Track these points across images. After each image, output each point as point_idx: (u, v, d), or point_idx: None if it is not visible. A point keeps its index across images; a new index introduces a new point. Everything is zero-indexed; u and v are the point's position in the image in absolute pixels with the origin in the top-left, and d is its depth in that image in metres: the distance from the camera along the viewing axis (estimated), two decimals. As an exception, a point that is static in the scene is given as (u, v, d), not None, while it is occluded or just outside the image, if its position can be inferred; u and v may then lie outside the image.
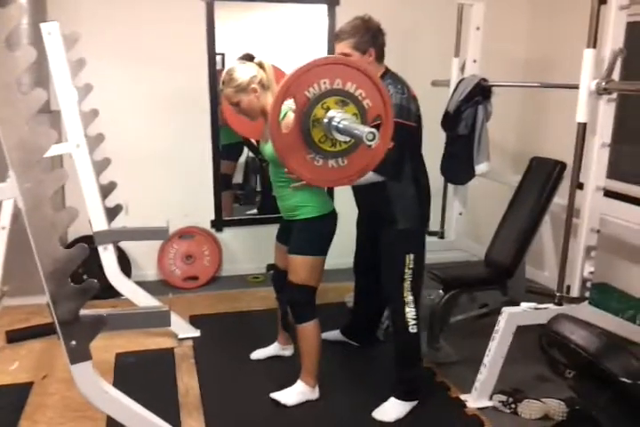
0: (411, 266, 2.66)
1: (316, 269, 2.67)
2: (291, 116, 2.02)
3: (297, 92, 1.94)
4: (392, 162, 2.41)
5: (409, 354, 2.74)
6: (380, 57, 2.62)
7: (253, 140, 4.67)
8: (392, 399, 2.70)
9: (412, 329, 2.66)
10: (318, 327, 2.73)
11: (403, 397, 2.70)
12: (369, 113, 2.04)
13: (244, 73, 2.56)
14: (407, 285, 2.65)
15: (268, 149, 2.53)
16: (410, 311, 2.65)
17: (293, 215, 2.67)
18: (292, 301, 2.73)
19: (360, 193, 2.92)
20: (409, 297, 2.65)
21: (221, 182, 4.37)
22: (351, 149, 2.05)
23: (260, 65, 2.61)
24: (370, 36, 2.55)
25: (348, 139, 2.01)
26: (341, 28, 2.61)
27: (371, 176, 2.37)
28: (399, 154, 2.46)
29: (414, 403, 2.72)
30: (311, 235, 2.66)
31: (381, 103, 2.06)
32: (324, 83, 1.95)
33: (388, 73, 2.65)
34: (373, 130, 1.86)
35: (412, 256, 2.66)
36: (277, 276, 2.99)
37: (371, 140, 1.85)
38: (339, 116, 1.95)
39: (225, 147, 4.41)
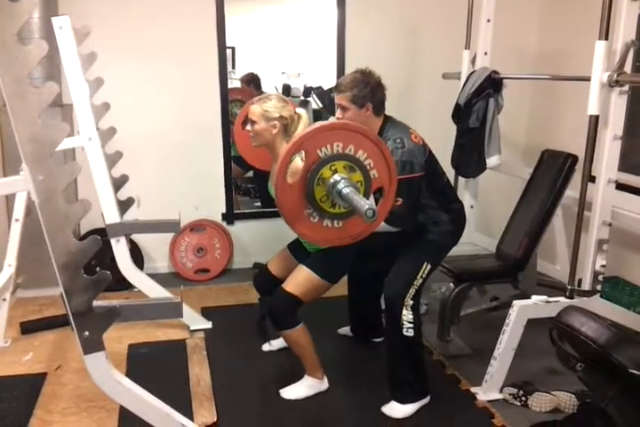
0: (423, 275, 2.64)
1: (316, 290, 2.68)
2: (297, 162, 2.03)
3: (310, 148, 1.97)
4: (402, 215, 2.44)
5: (402, 357, 2.65)
6: (377, 111, 2.61)
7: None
8: (393, 403, 2.66)
9: (407, 332, 2.59)
10: (302, 331, 2.69)
11: (403, 400, 2.64)
12: (373, 183, 2.06)
13: (277, 108, 2.58)
14: (412, 291, 2.61)
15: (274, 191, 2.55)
16: (407, 314, 2.58)
17: (316, 247, 2.68)
18: (273, 306, 2.69)
19: None
20: (409, 301, 2.60)
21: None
22: (349, 214, 2.06)
23: (299, 116, 2.64)
24: (368, 90, 2.55)
25: (347, 204, 2.03)
26: (341, 81, 2.61)
27: (384, 226, 2.35)
28: (408, 207, 2.48)
29: (423, 401, 2.68)
30: (331, 258, 2.65)
31: (387, 177, 2.07)
32: (338, 146, 1.98)
33: (387, 124, 2.64)
34: (374, 208, 1.87)
35: (428, 267, 2.65)
36: (264, 278, 2.97)
37: (370, 218, 1.87)
38: (343, 182, 1.97)
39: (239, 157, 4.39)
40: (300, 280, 2.65)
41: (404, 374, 2.66)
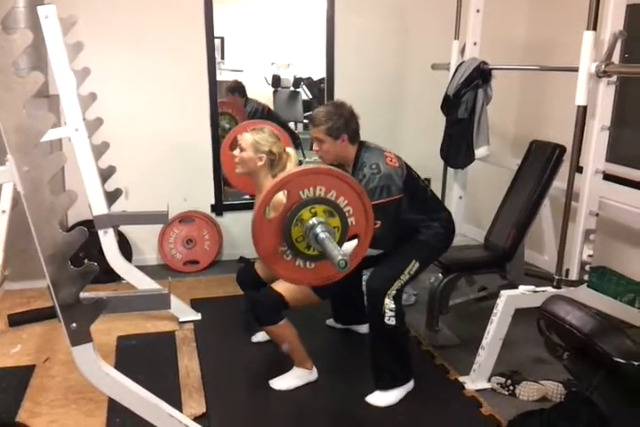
0: (411, 272, 2.66)
1: (304, 300, 2.70)
2: (280, 196, 2.06)
3: (292, 188, 2.00)
4: (381, 236, 2.46)
5: (384, 346, 2.66)
6: (352, 140, 2.68)
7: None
8: (376, 392, 2.68)
9: (389, 321, 2.60)
10: (286, 327, 2.70)
11: (385, 387, 2.67)
12: (350, 230, 2.08)
13: (269, 142, 2.70)
14: (397, 284, 2.63)
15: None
16: (389, 304, 2.59)
17: None
18: (259, 303, 2.69)
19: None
20: (393, 292, 2.62)
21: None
22: (322, 257, 2.07)
23: (287, 154, 2.76)
24: (342, 122, 2.63)
25: (321, 249, 2.04)
26: (315, 114, 2.67)
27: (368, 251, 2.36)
28: (386, 229, 2.53)
29: (406, 387, 2.70)
30: None
31: (364, 225, 2.10)
32: (320, 190, 2.01)
33: (362, 150, 2.69)
34: (347, 259, 1.89)
35: (417, 265, 2.67)
36: (248, 276, 2.99)
37: (342, 268, 1.88)
38: (321, 226, 1.99)
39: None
40: (291, 285, 2.62)
41: (385, 362, 2.67)
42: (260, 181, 2.74)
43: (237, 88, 5.45)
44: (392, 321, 2.60)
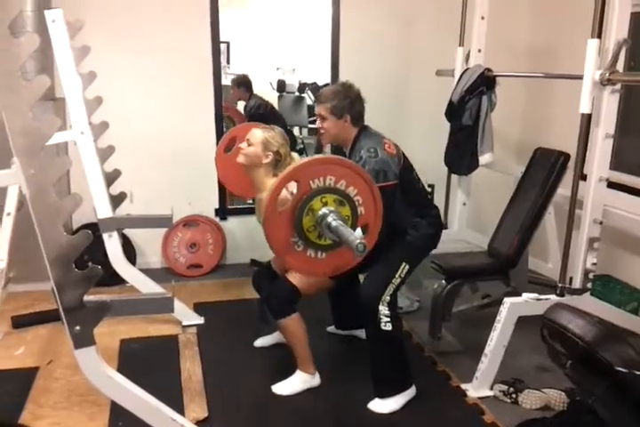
0: (401, 275, 2.67)
1: (318, 286, 2.72)
2: (283, 192, 2.08)
3: (303, 178, 2.02)
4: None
5: (382, 352, 2.66)
6: (355, 122, 2.71)
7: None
8: (376, 399, 2.67)
9: (385, 327, 2.59)
10: (298, 320, 2.72)
11: (384, 395, 2.66)
12: (360, 219, 2.10)
13: (278, 143, 2.73)
14: (390, 289, 2.63)
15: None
16: (383, 310, 2.59)
17: None
18: (274, 293, 2.71)
19: None
20: (387, 298, 2.61)
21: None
22: (334, 246, 2.09)
23: (292, 157, 2.78)
24: (348, 102, 2.66)
25: (336, 237, 2.05)
26: (323, 92, 2.73)
27: None
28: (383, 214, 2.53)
29: (407, 394, 2.68)
30: None
31: (373, 214, 2.14)
32: (330, 179, 2.03)
33: (361, 133, 2.71)
34: (365, 242, 1.90)
35: (407, 267, 2.68)
36: (263, 274, 2.99)
37: (361, 251, 1.89)
38: (333, 215, 2.01)
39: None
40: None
41: (384, 369, 2.67)
42: (259, 177, 2.74)
43: (244, 82, 5.46)
44: (388, 327, 2.60)
